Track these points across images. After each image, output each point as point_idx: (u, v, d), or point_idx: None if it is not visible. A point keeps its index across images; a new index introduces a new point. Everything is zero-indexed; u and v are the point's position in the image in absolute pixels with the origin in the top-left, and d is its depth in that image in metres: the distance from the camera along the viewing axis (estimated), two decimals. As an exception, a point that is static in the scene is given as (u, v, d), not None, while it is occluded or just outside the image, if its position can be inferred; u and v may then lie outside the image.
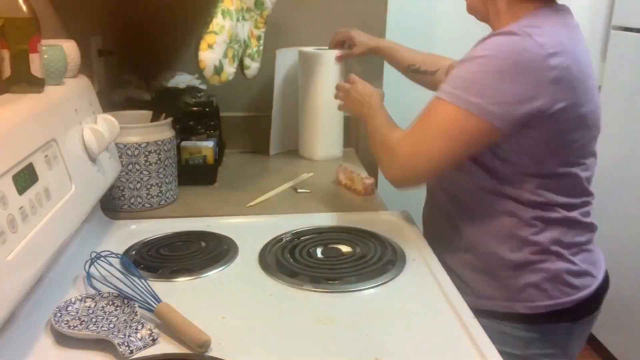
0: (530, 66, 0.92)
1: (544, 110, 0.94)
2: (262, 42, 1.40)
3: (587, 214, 1.08)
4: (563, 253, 1.05)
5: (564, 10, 1.03)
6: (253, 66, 1.40)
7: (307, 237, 1.09)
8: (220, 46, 1.19)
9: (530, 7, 1.01)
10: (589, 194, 1.08)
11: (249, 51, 1.36)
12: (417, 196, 1.24)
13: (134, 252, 1.04)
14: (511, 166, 1.01)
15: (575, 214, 1.05)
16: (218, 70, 1.19)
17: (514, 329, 1.05)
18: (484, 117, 0.94)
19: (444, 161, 1.00)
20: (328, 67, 1.57)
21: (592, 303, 1.08)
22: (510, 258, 1.04)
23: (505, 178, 1.03)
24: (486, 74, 0.94)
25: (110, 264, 0.92)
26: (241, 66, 1.37)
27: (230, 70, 1.24)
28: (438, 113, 0.99)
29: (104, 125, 1.04)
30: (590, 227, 1.09)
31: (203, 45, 1.17)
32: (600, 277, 1.10)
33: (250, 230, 1.14)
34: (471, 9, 1.11)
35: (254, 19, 1.35)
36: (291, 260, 1.00)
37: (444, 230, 1.13)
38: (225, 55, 1.21)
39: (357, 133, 1.76)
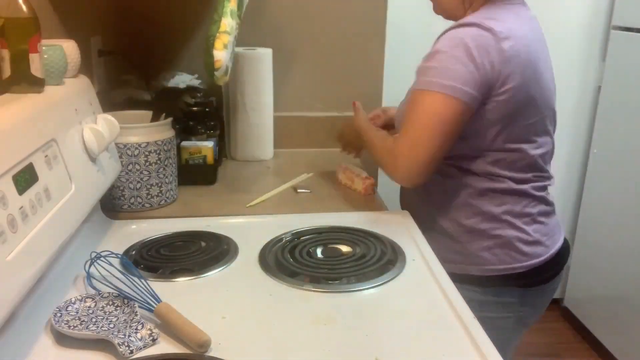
0: (486, 49, 1.04)
1: (498, 88, 1.06)
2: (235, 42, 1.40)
3: (541, 189, 1.18)
4: (514, 222, 1.15)
5: (520, 3, 1.15)
6: (230, 67, 1.40)
7: (307, 237, 1.09)
8: (231, 45, 1.19)
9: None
10: (544, 170, 1.18)
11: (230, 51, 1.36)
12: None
13: (134, 252, 1.04)
14: (468, 142, 1.12)
15: (526, 187, 1.15)
16: (227, 70, 1.20)
17: (469, 291, 1.10)
18: (459, 97, 1.05)
19: (438, 146, 1.08)
20: (256, 67, 1.56)
21: (544, 271, 1.18)
22: (465, 224, 1.16)
23: (463, 152, 1.13)
24: (453, 61, 1.05)
25: (110, 264, 0.92)
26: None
27: (229, 70, 1.25)
28: (421, 103, 1.08)
29: (104, 125, 1.04)
30: (544, 201, 1.19)
31: (219, 44, 1.16)
32: (553, 248, 1.19)
33: (250, 230, 1.14)
34: (440, 9, 1.22)
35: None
36: (291, 260, 1.00)
37: (413, 201, 1.24)
38: (230, 56, 1.22)
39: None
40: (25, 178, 0.75)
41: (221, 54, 1.16)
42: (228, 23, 1.18)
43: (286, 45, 1.68)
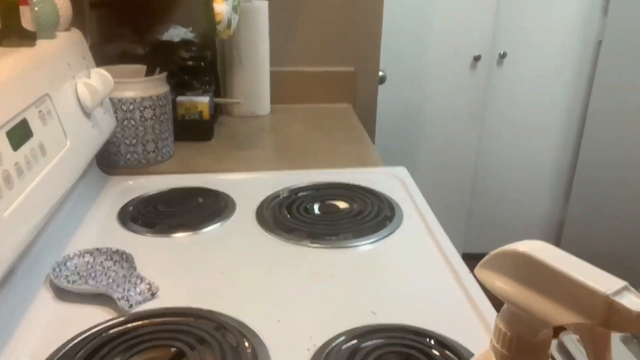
0: None
1: None
2: None
3: None
4: None
5: None
6: (235, 20, 1.38)
7: (304, 193, 1.09)
8: None
9: None
10: None
11: (234, 4, 1.34)
12: (415, 151, 1.22)
13: (131, 208, 1.04)
14: None
15: None
16: (229, 23, 1.18)
17: None
18: None
19: None
20: (252, 21, 1.53)
21: None
22: None
23: None
24: None
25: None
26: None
27: (234, 23, 1.23)
28: None
29: (97, 80, 1.02)
30: None
31: None
32: None
33: (248, 186, 1.14)
34: None
35: None
36: (288, 217, 1.00)
37: None
38: (233, 8, 1.20)
39: (354, 87, 1.74)
40: (19, 134, 0.75)
41: (221, 7, 1.14)
42: None
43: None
